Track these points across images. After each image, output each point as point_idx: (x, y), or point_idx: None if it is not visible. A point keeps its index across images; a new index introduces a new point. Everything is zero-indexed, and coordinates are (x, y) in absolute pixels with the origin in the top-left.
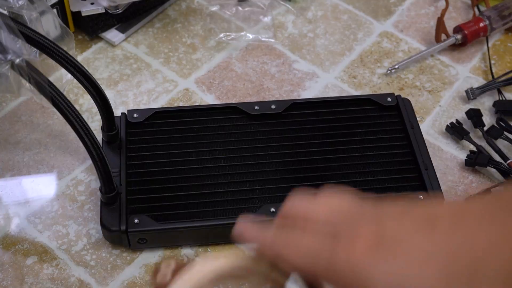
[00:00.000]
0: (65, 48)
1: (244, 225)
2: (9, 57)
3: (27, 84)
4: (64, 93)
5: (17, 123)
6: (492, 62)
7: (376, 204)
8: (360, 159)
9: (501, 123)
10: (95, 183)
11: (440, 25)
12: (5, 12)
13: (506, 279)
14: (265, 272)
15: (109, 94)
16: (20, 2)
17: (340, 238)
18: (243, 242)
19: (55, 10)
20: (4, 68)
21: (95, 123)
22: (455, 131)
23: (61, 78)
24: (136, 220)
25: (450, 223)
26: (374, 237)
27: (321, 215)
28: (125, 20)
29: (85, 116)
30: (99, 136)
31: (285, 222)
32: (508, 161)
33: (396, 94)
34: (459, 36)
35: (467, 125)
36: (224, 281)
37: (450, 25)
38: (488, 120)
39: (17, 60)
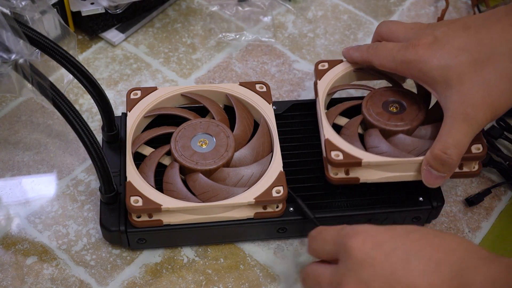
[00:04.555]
0: (65, 48)
1: (348, 49)
2: (12, 57)
3: (29, 85)
4: (65, 93)
5: (17, 123)
6: None
7: (434, 23)
8: None
9: (501, 123)
10: (95, 183)
11: None
12: (7, 12)
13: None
14: None
15: (109, 94)
16: (23, 3)
17: (410, 42)
18: (349, 60)
19: (55, 10)
20: (7, 68)
21: (95, 123)
22: None
23: (62, 78)
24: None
25: (478, 24)
26: (431, 38)
27: (401, 32)
28: (125, 20)
29: (85, 116)
30: (99, 136)
31: (378, 40)
32: (508, 161)
33: None
34: None
35: None
36: None
37: None
38: None
39: (20, 61)
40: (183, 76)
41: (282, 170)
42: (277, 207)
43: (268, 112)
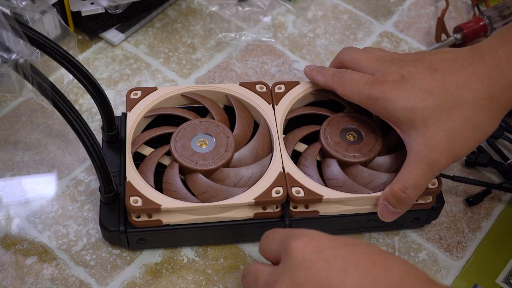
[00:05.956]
0: (65, 48)
1: (310, 68)
2: (13, 57)
3: (29, 85)
4: (65, 93)
5: (17, 123)
6: None
7: (398, 57)
8: None
9: (501, 123)
10: (95, 183)
11: (440, 25)
12: (8, 12)
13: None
14: None
15: (109, 94)
16: (23, 3)
17: (376, 78)
18: (311, 80)
19: (55, 10)
20: (7, 68)
21: (95, 123)
22: None
23: (62, 78)
24: None
25: (443, 68)
26: (398, 77)
27: (365, 62)
28: (125, 20)
29: (85, 116)
30: (99, 136)
31: (340, 66)
32: (508, 161)
33: None
34: (459, 36)
35: None
36: None
37: (450, 25)
38: None
39: (21, 61)
40: (183, 76)
41: (282, 171)
42: (276, 208)
43: (268, 113)
